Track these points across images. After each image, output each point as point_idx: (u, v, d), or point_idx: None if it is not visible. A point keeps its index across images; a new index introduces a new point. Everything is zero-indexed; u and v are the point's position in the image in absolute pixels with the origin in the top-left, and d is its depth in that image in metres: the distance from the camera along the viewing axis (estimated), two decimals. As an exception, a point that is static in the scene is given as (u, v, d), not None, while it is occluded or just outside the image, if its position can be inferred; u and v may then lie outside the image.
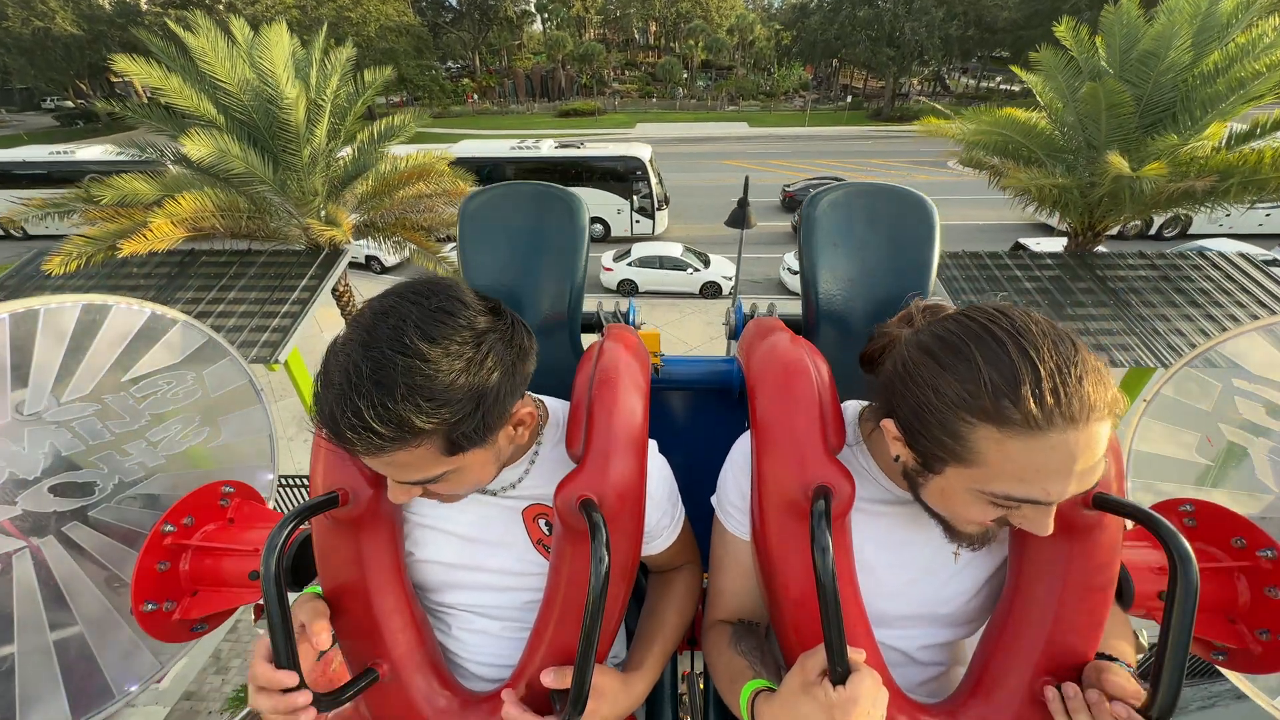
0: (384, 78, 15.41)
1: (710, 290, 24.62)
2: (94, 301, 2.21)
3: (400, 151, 16.00)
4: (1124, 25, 12.74)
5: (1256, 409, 2.17)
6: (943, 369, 1.25)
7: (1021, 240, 26.10)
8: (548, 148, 31.72)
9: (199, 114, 12.32)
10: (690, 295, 24.76)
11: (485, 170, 28.19)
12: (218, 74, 12.03)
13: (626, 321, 2.63)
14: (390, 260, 26.90)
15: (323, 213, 14.01)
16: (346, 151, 15.26)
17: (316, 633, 1.48)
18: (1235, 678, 1.92)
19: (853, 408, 1.74)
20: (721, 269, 24.76)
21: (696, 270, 24.61)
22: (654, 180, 30.34)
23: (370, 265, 26.62)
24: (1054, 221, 16.12)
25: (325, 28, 15.45)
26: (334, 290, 15.27)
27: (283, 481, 9.28)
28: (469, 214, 2.43)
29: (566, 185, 2.45)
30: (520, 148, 31.80)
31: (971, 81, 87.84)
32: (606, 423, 1.62)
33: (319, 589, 1.65)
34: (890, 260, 2.34)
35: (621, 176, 30.47)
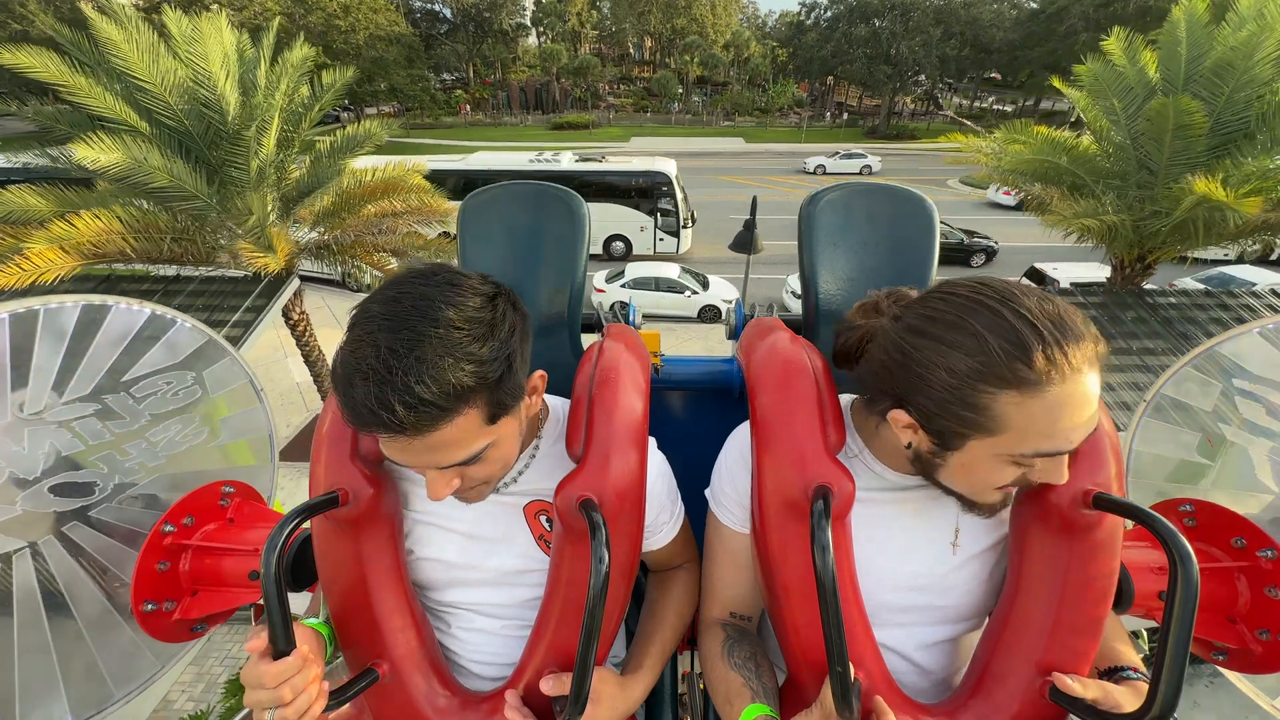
0: (345, 80, 13.46)
1: (709, 314, 23.47)
2: (94, 301, 2.21)
3: (379, 163, 14.24)
4: (1192, 34, 11.48)
5: (1256, 409, 2.17)
6: (949, 347, 1.27)
7: (1037, 265, 24.19)
8: (568, 161, 30.75)
9: (116, 118, 10.39)
10: (688, 319, 23.67)
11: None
12: (134, 70, 10.12)
13: (626, 321, 2.64)
14: (368, 278, 24.67)
15: (264, 235, 12.07)
16: (303, 163, 13.69)
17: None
18: (1235, 678, 1.93)
19: (843, 401, 1.74)
20: (720, 291, 23.72)
21: (695, 293, 23.52)
22: (679, 197, 29.43)
23: (346, 282, 24.52)
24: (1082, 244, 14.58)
25: (276, 22, 13.39)
26: (288, 319, 14.02)
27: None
28: (469, 213, 2.44)
29: (587, 201, 2.43)
30: (539, 160, 30.78)
31: (964, 101, 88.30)
32: (606, 423, 1.63)
33: (313, 621, 1.65)
34: (890, 260, 2.34)
35: (646, 192, 29.69)
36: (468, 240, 2.42)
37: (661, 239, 30.19)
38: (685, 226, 29.97)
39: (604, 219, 29.27)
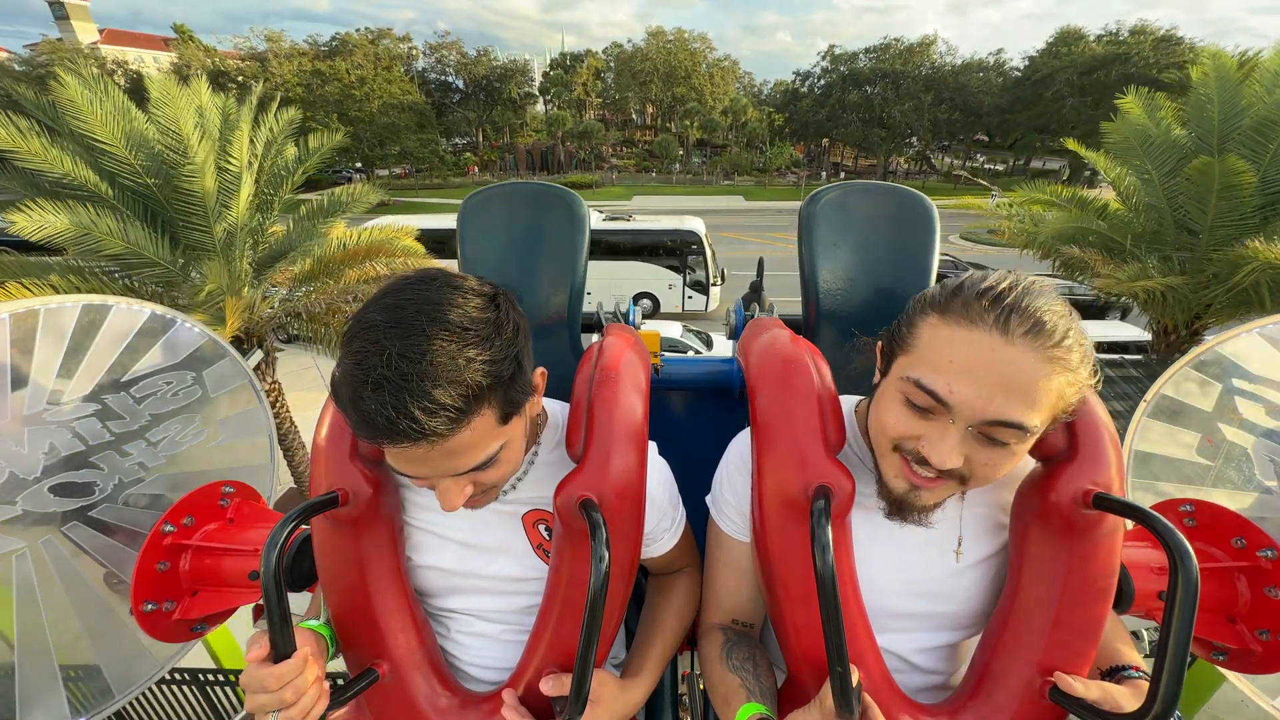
0: (332, 144, 12.74)
1: None
2: (94, 301, 2.22)
3: (383, 222, 12.84)
4: (1223, 92, 10.84)
5: (1256, 409, 2.18)
6: (942, 285, 1.35)
7: None
8: (596, 220, 29.86)
9: (76, 181, 9.54)
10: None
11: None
12: (95, 133, 9.26)
13: (626, 322, 2.64)
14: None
15: (226, 305, 10.43)
16: (281, 227, 12.68)
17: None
18: (1235, 678, 1.92)
19: (848, 403, 1.75)
20: (725, 351, 21.80)
21: (698, 353, 20.47)
22: (709, 254, 28.62)
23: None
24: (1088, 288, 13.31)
25: (260, 84, 13.16)
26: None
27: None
28: (469, 213, 2.46)
29: (616, 260, 2.41)
30: None
31: (956, 161, 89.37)
32: (607, 423, 1.63)
33: (313, 623, 1.65)
34: (890, 259, 2.36)
35: (674, 251, 28.91)
36: (467, 240, 2.44)
37: (690, 297, 29.34)
38: (714, 284, 29.21)
39: (632, 277, 28.88)
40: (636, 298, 28.37)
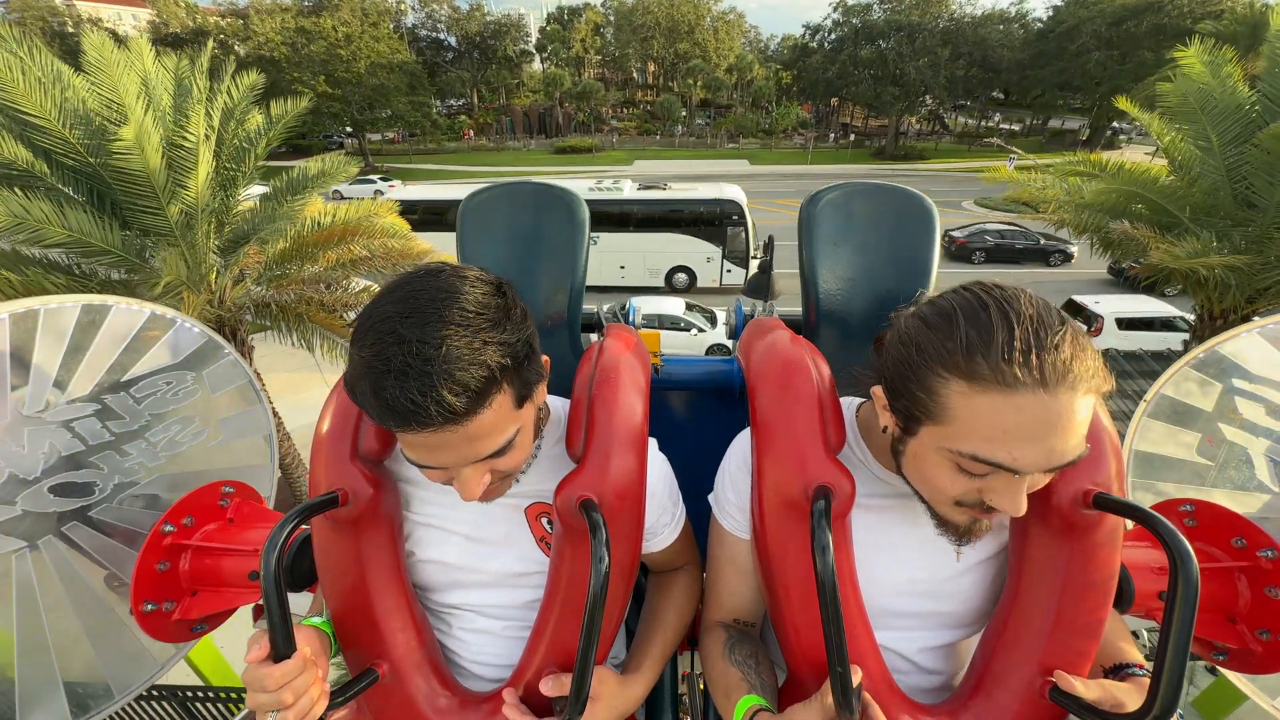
0: (298, 111, 11.28)
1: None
2: (93, 301, 2.22)
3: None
4: None
5: (1256, 409, 2.17)
6: (929, 329, 1.28)
7: (1075, 298, 22.21)
8: (630, 189, 29.35)
9: (3, 159, 8.36)
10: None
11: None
12: (19, 103, 8.06)
13: (626, 321, 2.64)
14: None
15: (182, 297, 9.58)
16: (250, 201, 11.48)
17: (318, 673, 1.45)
18: (1235, 678, 1.93)
19: (849, 404, 1.75)
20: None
21: (701, 331, 21.69)
22: (750, 226, 27.93)
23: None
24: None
25: (210, 43, 11.14)
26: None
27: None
28: (469, 213, 2.45)
29: (651, 232, 2.36)
30: (598, 189, 29.22)
31: (970, 120, 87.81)
32: (607, 423, 1.63)
33: (316, 620, 1.66)
34: (890, 259, 2.35)
35: (712, 221, 28.22)
36: (467, 240, 2.44)
37: (729, 270, 28.80)
38: (754, 257, 27.90)
39: (667, 250, 28.51)
40: (671, 272, 28.64)
